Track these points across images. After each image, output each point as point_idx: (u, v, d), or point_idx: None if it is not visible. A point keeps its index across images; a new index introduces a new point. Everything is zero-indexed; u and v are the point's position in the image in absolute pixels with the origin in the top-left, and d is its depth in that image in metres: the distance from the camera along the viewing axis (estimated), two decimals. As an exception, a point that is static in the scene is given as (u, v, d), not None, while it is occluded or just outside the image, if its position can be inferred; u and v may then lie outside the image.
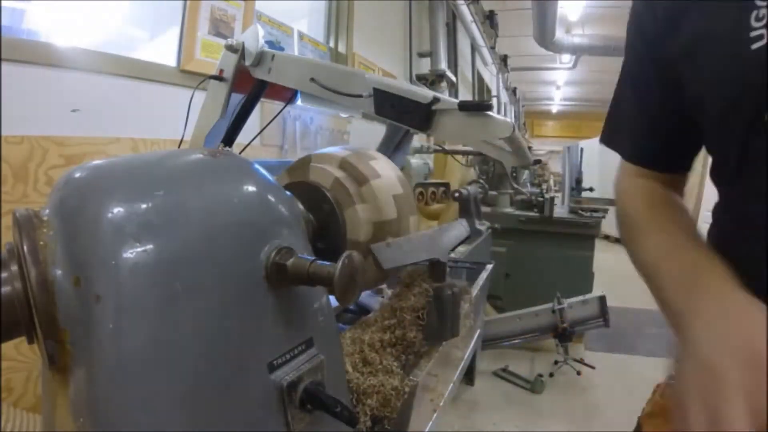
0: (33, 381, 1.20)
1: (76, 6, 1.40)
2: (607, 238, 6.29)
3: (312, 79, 0.78)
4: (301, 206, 0.58)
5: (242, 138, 1.06)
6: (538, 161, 2.33)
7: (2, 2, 1.16)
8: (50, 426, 0.43)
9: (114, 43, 1.50)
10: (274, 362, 0.45)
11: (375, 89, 0.72)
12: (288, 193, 0.54)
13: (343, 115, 2.54)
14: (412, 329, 0.80)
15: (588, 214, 3.10)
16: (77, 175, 0.42)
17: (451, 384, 1.25)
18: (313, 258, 0.44)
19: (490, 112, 0.62)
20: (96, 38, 1.45)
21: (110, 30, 1.51)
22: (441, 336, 0.87)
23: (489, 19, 5.27)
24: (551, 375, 2.63)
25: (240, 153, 0.85)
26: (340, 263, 0.41)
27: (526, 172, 3.94)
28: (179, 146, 1.08)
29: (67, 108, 1.30)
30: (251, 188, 0.48)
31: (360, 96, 0.74)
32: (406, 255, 0.79)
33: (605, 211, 3.18)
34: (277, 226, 0.48)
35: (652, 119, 0.58)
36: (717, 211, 0.56)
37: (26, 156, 1.17)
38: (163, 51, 1.67)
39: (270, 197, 0.49)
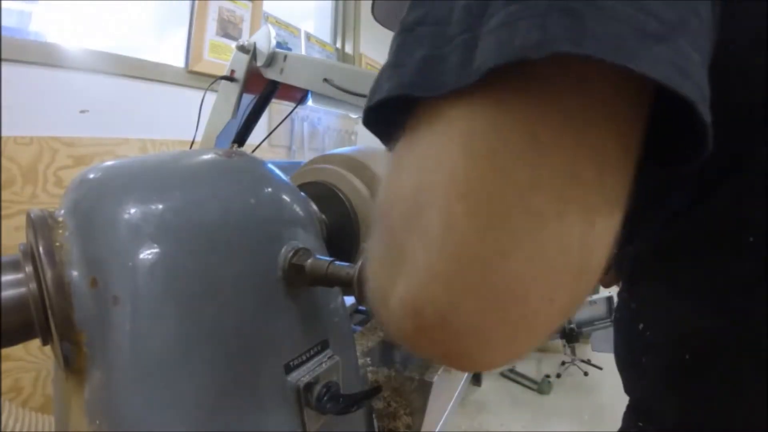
0: (42, 381, 1.20)
1: (83, 7, 1.40)
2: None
3: (325, 80, 0.78)
4: (314, 207, 0.57)
5: (250, 139, 1.05)
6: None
7: (8, 4, 1.17)
8: (64, 427, 0.43)
9: (122, 44, 1.50)
10: (291, 363, 0.44)
11: None
12: (302, 193, 0.54)
13: (353, 115, 2.53)
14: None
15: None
16: (92, 175, 0.41)
17: (460, 384, 1.25)
18: (332, 259, 0.43)
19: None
20: (104, 39, 1.45)
21: (118, 31, 1.51)
22: None
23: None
24: (558, 376, 2.62)
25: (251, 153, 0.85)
26: (359, 264, 0.40)
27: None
28: (191, 147, 1.08)
29: (76, 109, 1.30)
30: (267, 189, 0.48)
31: None
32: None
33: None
34: (293, 227, 0.47)
35: None
36: None
37: (35, 157, 1.17)
38: (171, 52, 1.67)
39: (285, 198, 0.49)
